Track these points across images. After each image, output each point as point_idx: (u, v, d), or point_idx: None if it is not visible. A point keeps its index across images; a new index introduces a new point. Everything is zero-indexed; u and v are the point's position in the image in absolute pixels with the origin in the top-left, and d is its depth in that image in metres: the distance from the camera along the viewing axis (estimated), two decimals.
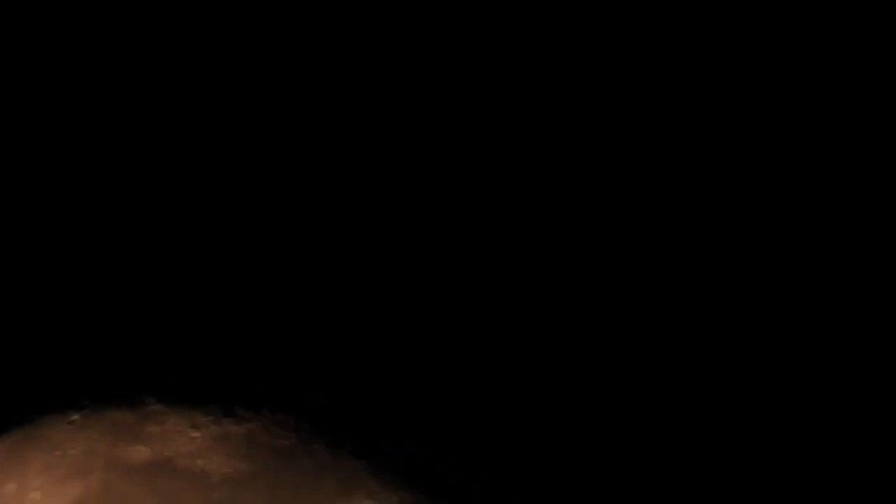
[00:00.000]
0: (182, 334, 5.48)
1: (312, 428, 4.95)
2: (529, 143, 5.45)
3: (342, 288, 5.54)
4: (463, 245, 5.46)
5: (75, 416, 4.98)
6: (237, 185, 5.61)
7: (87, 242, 5.57)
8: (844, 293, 4.94)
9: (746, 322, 4.98)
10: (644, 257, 5.17)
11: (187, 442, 4.82)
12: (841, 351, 4.82)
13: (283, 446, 4.85)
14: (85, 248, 5.61)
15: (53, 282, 5.53)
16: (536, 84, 5.47)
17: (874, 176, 5.10)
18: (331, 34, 5.55)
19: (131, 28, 5.57)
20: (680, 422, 4.79)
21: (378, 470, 4.79)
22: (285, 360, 5.34)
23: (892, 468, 4.43)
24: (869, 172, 5.11)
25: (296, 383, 5.21)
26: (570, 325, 5.21)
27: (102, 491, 4.62)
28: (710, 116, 5.27)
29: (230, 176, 5.60)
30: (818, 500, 4.40)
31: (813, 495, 4.42)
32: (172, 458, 4.76)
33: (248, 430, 4.90)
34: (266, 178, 5.59)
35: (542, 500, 4.74)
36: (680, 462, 4.67)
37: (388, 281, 5.49)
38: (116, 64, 5.60)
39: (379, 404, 5.17)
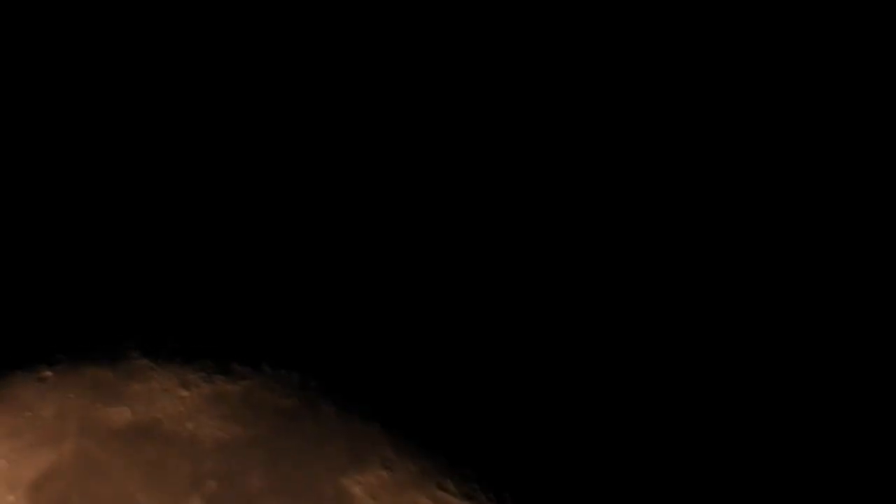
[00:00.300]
0: (171, 279, 4.92)
1: (319, 386, 4.50)
2: (529, 143, 5.26)
3: (351, 230, 5.03)
4: (477, 201, 5.14)
5: (48, 373, 4.47)
6: (232, 145, 5.17)
7: (64, 182, 5.05)
8: (844, 293, 4.82)
9: (746, 322, 4.83)
10: (644, 257, 5.01)
11: (175, 402, 4.36)
12: (841, 351, 4.69)
13: (286, 407, 4.39)
14: (62, 187, 5.07)
15: (25, 219, 4.95)
16: (536, 84, 5.30)
17: (874, 176, 4.99)
18: (331, 34, 5.18)
19: (131, 28, 5.18)
20: (680, 419, 4.58)
21: (393, 435, 4.34)
22: (288, 308, 4.84)
23: (892, 468, 4.35)
24: (869, 172, 5.01)
25: (300, 335, 4.73)
26: (581, 290, 4.96)
27: (77, 459, 4.13)
28: (709, 116, 5.16)
29: (224, 138, 5.17)
30: (818, 501, 4.29)
31: (813, 495, 4.30)
32: (158, 420, 4.29)
33: (246, 388, 4.45)
34: (261, 142, 5.18)
35: (565, 467, 4.39)
36: (680, 460, 4.46)
37: (408, 226, 5.00)
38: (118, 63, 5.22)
39: (393, 359, 4.69)
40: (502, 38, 5.22)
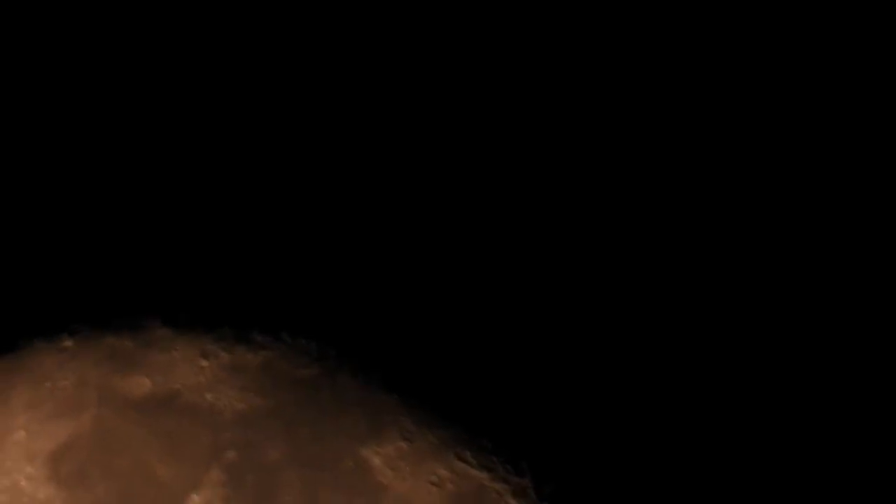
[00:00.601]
0: (191, 248, 4.89)
1: (338, 356, 4.46)
2: (529, 143, 5.17)
3: (370, 199, 5.01)
4: (494, 174, 5.07)
5: (67, 342, 4.47)
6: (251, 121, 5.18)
7: (87, 154, 5.04)
8: (844, 293, 4.74)
9: (747, 321, 4.73)
10: (644, 257, 4.92)
11: (195, 372, 4.36)
12: (841, 351, 4.60)
13: (305, 378, 4.37)
14: (85, 159, 5.06)
15: (43, 185, 4.94)
16: (536, 84, 5.20)
17: (874, 176, 4.91)
18: (331, 34, 5.25)
19: (131, 28, 5.20)
20: (694, 390, 4.53)
21: (412, 405, 4.32)
22: (307, 277, 4.79)
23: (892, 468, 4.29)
24: (869, 172, 4.93)
25: (320, 305, 4.68)
26: (601, 262, 4.91)
27: (96, 430, 4.15)
28: (709, 116, 5.07)
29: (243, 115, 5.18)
30: (818, 501, 4.24)
31: (813, 495, 4.25)
32: (178, 391, 4.30)
33: (265, 358, 4.43)
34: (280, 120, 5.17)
35: (583, 438, 4.37)
36: (694, 430, 4.42)
37: (426, 198, 5.03)
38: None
39: (412, 329, 4.64)
40: (502, 39, 5.13)
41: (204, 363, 4.38)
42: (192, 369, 4.36)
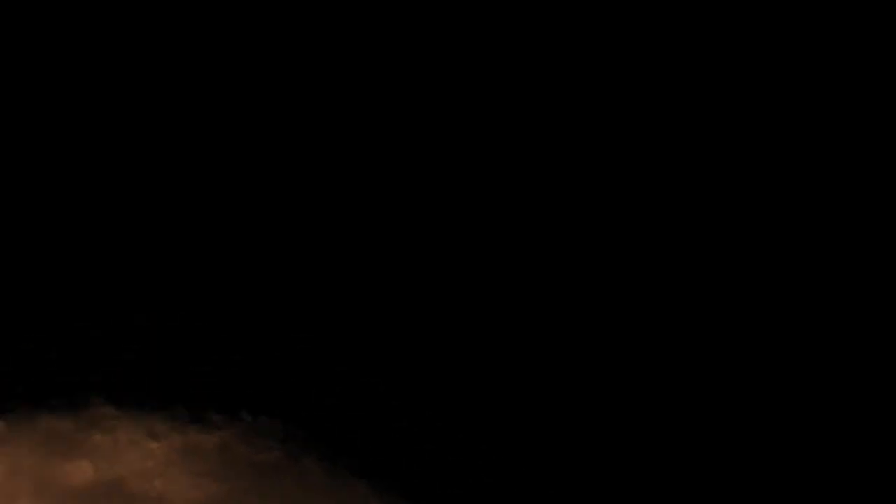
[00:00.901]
0: (139, 318, 4.56)
1: (303, 437, 4.22)
2: (529, 143, 5.14)
3: (337, 272, 4.86)
4: (456, 243, 4.98)
5: None
6: (225, 172, 5.07)
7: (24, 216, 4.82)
8: (844, 293, 4.79)
9: (746, 322, 4.78)
10: (644, 257, 4.93)
11: (143, 456, 4.05)
12: (841, 351, 4.65)
13: (267, 462, 4.12)
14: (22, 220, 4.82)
15: None
16: (536, 84, 5.19)
17: (874, 176, 4.98)
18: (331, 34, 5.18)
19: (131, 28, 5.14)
20: (679, 438, 4.51)
21: (382, 492, 4.10)
22: (269, 351, 4.54)
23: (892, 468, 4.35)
24: (869, 172, 4.99)
25: (283, 380, 4.45)
26: (567, 330, 4.81)
27: None
28: (709, 116, 5.10)
29: (218, 165, 5.06)
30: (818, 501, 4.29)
31: (813, 495, 4.29)
32: (123, 478, 3.96)
33: (222, 440, 4.16)
34: (253, 171, 5.08)
35: None
36: (680, 481, 4.38)
37: (388, 270, 4.87)
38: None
39: (380, 409, 4.44)
40: (502, 39, 5.10)
41: (153, 445, 4.10)
42: (139, 453, 4.06)
